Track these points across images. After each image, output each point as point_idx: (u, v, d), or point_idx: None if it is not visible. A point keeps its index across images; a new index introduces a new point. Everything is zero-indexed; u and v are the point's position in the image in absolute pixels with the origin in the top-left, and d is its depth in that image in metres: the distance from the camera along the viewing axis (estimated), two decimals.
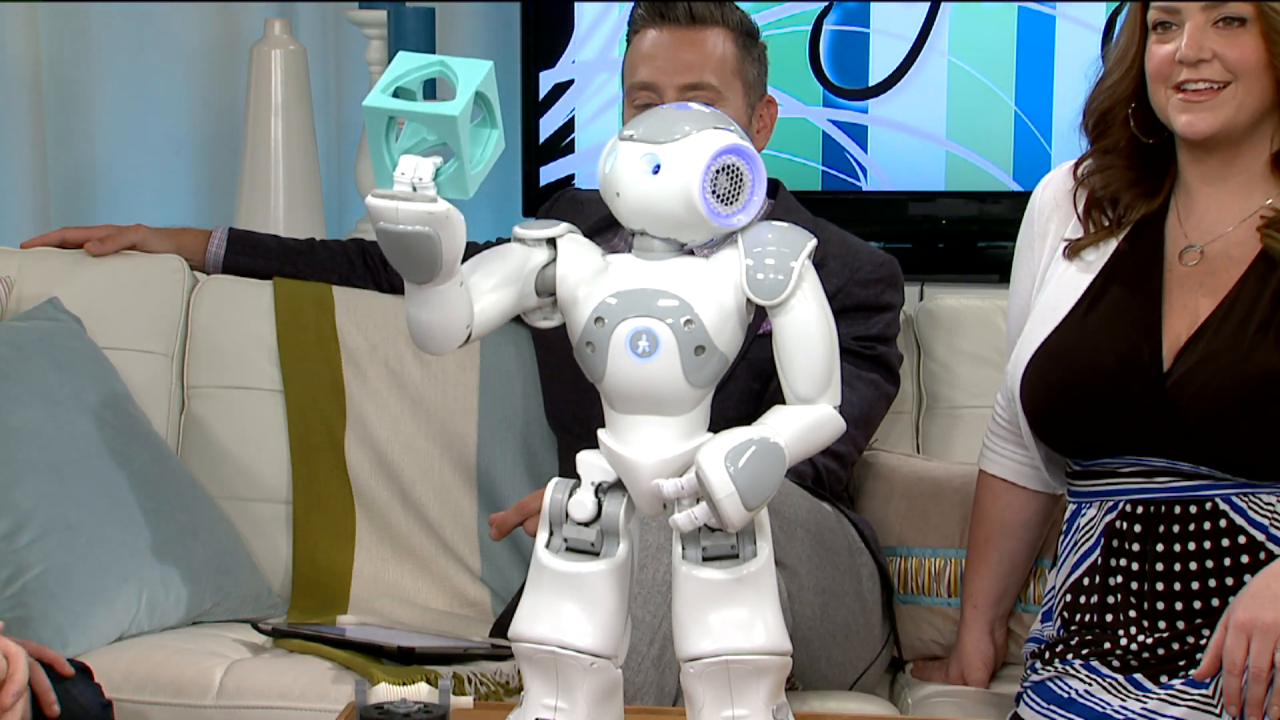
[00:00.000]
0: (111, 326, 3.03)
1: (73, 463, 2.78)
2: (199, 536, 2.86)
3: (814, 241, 1.68)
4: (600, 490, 1.70)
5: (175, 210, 3.88)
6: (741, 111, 2.78)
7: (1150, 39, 2.41)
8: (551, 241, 1.73)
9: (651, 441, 1.68)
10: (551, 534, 1.71)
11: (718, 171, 1.65)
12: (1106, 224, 2.49)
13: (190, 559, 2.83)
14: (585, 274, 1.70)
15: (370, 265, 3.09)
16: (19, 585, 2.65)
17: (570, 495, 1.70)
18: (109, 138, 3.92)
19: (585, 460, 1.71)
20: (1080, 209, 2.51)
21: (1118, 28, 2.50)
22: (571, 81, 3.69)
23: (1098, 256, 2.49)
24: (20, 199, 3.79)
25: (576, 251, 1.72)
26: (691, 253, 1.71)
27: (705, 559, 1.68)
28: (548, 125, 3.70)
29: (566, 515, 1.70)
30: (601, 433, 1.71)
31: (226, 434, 3.04)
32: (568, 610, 1.70)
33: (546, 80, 3.69)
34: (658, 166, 1.66)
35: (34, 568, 2.67)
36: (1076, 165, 2.53)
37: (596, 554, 1.70)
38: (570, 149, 3.70)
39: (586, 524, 1.70)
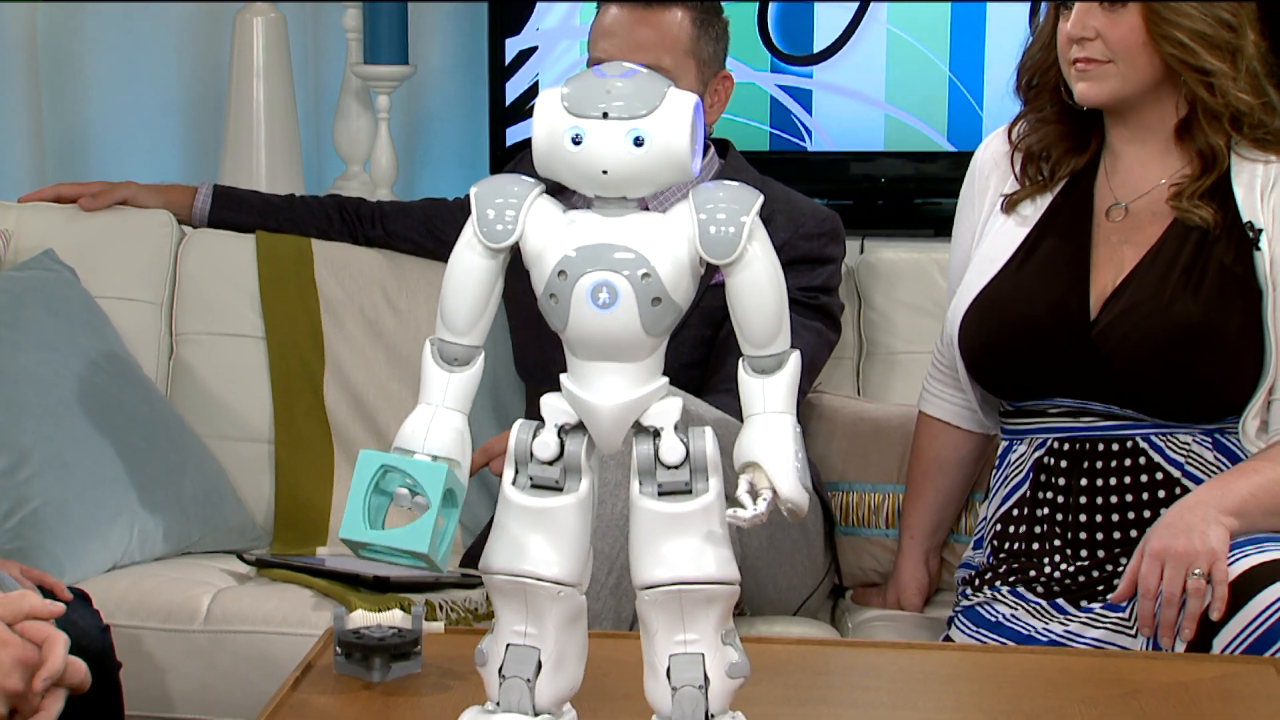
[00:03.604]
0: (104, 277, 3.00)
1: (68, 404, 2.76)
2: (187, 473, 2.85)
3: (761, 198, 1.66)
4: (563, 431, 1.69)
5: (163, 168, 3.84)
6: (693, 88, 2.73)
7: (1061, 16, 2.41)
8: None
9: (611, 386, 1.66)
10: (517, 472, 1.69)
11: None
12: (1041, 179, 2.49)
13: (179, 494, 2.81)
14: (548, 232, 1.68)
15: (347, 220, 3.07)
16: (18, 519, 2.64)
17: (534, 436, 1.69)
18: (101, 100, 3.87)
19: (548, 403, 1.69)
20: (1017, 167, 2.51)
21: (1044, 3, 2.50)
22: (535, 48, 3.66)
23: (1033, 211, 2.48)
24: (18, 157, 3.75)
25: (540, 214, 1.70)
26: (647, 208, 1.69)
27: (660, 494, 1.67)
28: (513, 89, 3.67)
29: (531, 455, 1.68)
30: (564, 378, 1.69)
31: (212, 378, 3.02)
32: (535, 542, 1.68)
33: (512, 47, 3.66)
34: (639, 139, 1.64)
35: (32, 501, 2.66)
36: (1010, 127, 2.53)
37: (560, 490, 1.69)
38: (534, 112, 3.67)
39: (550, 463, 1.68)
